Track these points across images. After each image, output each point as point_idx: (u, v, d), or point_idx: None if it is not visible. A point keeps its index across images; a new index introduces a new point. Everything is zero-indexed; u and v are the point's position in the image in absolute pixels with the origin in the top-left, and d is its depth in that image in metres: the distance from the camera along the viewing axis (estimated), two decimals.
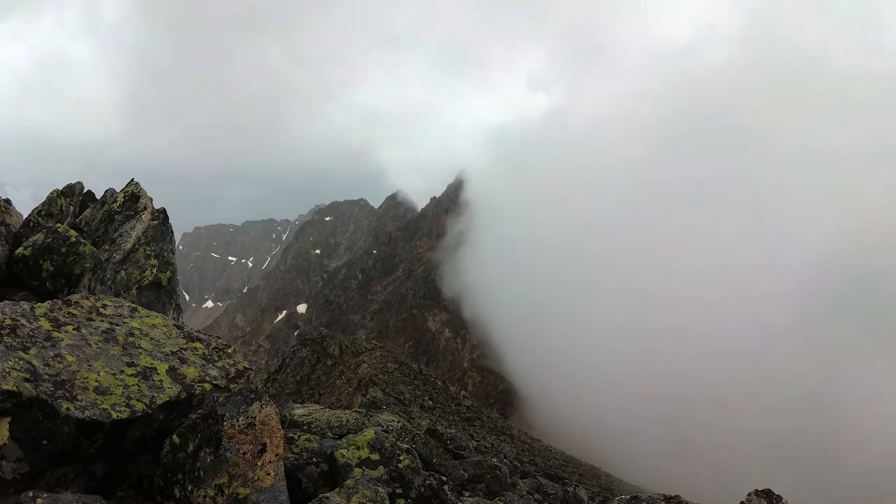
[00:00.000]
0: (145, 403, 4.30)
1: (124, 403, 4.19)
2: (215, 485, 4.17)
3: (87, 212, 8.62)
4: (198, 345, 5.39)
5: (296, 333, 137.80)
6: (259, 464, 4.30)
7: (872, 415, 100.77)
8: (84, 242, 6.84)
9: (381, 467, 5.68)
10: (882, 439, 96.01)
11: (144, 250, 8.23)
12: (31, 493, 3.39)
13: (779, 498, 7.78)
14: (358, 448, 5.79)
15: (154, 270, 8.19)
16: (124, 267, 7.97)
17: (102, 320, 5.06)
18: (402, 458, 5.84)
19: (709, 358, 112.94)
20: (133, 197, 8.59)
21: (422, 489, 5.67)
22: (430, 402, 43.02)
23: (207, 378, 4.95)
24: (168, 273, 8.41)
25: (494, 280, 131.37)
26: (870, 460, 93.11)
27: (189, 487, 4.19)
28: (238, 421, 4.30)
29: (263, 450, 4.34)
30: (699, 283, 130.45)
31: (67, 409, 3.85)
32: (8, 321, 4.32)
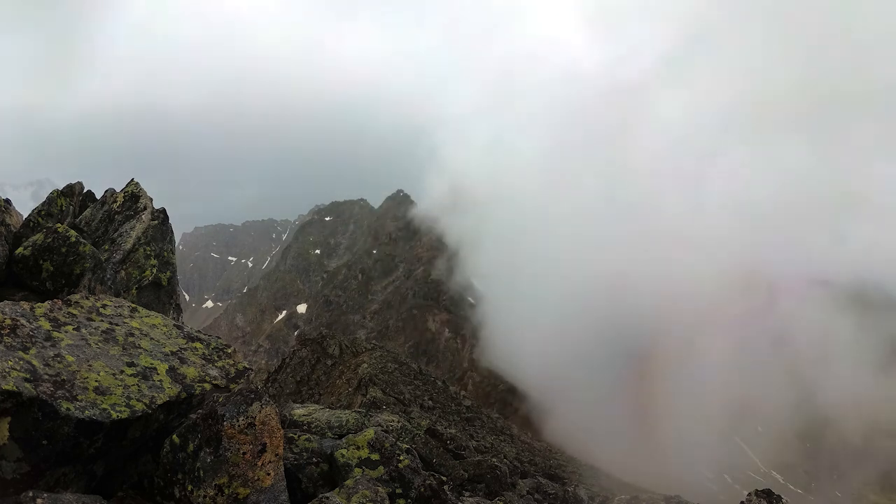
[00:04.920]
0: (145, 403, 4.30)
1: (124, 403, 4.18)
2: (215, 485, 4.17)
3: (87, 212, 8.62)
4: (198, 345, 5.39)
5: (296, 333, 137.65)
6: (259, 464, 4.30)
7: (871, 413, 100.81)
8: (84, 242, 6.84)
9: (381, 467, 5.68)
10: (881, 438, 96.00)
11: (144, 250, 8.22)
12: (31, 493, 3.38)
13: (779, 498, 7.79)
14: (358, 448, 5.79)
15: (154, 270, 8.18)
16: (124, 267, 7.96)
17: (102, 320, 5.06)
18: (402, 458, 5.84)
19: (709, 358, 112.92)
20: (133, 197, 8.58)
21: (422, 489, 5.67)
22: (430, 402, 43.00)
23: (207, 378, 4.95)
24: (168, 273, 8.41)
25: (495, 279, 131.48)
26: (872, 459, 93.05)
27: (189, 487, 4.19)
28: (238, 421, 4.30)
29: (263, 450, 4.34)
30: (700, 284, 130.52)
31: (67, 409, 3.85)
32: (8, 321, 4.32)
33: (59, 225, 6.90)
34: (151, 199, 8.78)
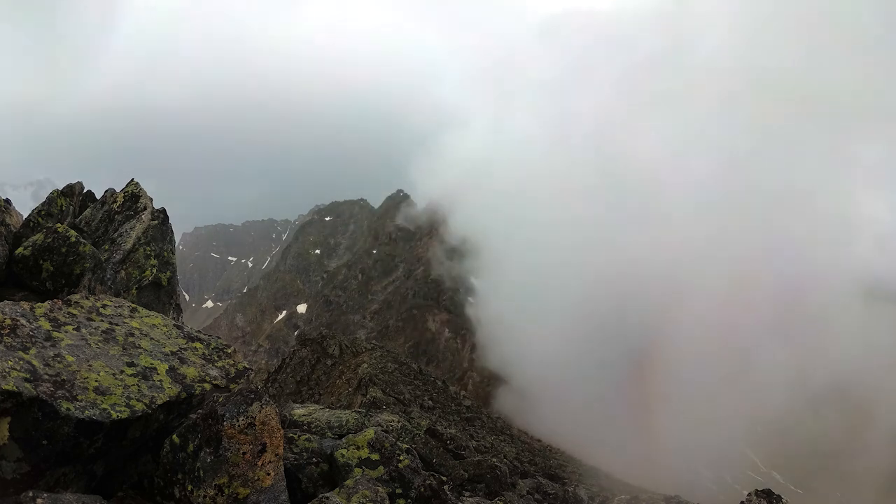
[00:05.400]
0: (145, 403, 4.30)
1: (124, 403, 4.18)
2: (215, 485, 4.17)
3: (87, 212, 8.62)
4: (198, 345, 5.39)
5: (296, 333, 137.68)
6: (259, 464, 4.30)
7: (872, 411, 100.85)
8: (84, 242, 6.84)
9: (381, 467, 5.68)
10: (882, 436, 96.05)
11: (144, 250, 8.22)
12: (31, 493, 3.39)
13: (779, 498, 7.79)
14: (358, 448, 5.79)
15: (154, 270, 8.18)
16: (124, 267, 7.96)
17: (102, 320, 5.06)
18: (402, 458, 5.84)
19: (708, 358, 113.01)
20: (133, 197, 8.58)
21: (422, 489, 5.67)
22: (430, 402, 43.02)
23: (207, 378, 4.95)
24: (168, 273, 8.41)
25: (495, 279, 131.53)
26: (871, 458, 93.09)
27: (189, 487, 4.19)
28: (238, 421, 4.30)
29: (263, 450, 4.34)
30: (701, 283, 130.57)
31: (67, 409, 3.85)
32: (8, 321, 4.32)
33: (59, 225, 6.90)
34: (151, 199, 8.78)
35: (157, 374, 4.67)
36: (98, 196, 9.08)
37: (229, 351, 5.52)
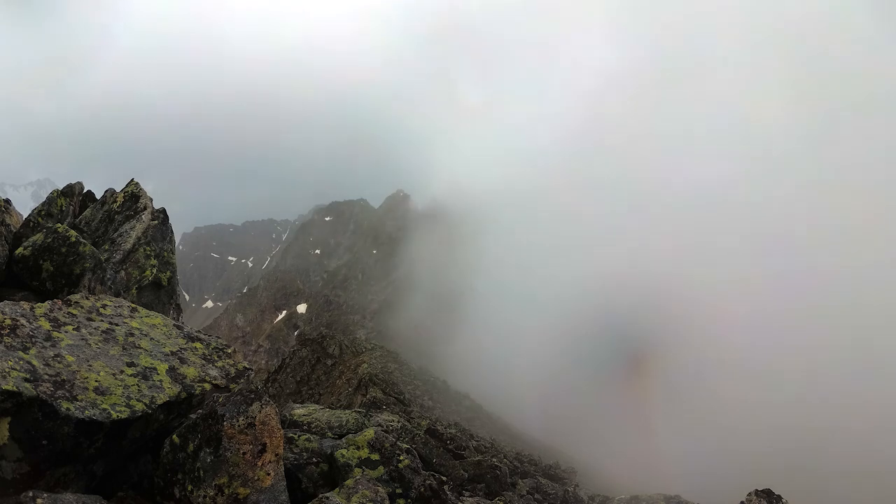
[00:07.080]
0: (145, 403, 4.30)
1: (124, 403, 4.18)
2: (215, 485, 4.17)
3: (87, 212, 8.62)
4: (198, 345, 5.39)
5: (296, 333, 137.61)
6: (259, 464, 4.30)
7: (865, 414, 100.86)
8: (84, 242, 6.83)
9: (381, 467, 5.68)
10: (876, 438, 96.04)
11: (144, 250, 8.22)
12: (31, 493, 3.39)
13: (779, 498, 7.78)
14: (358, 448, 5.79)
15: (154, 270, 8.18)
16: (124, 267, 7.96)
17: (102, 320, 5.06)
18: (402, 458, 5.84)
19: (708, 356, 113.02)
20: (133, 197, 8.58)
21: (422, 489, 5.67)
22: (430, 402, 43.02)
23: (207, 378, 4.95)
24: (168, 273, 8.40)
25: (495, 278, 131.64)
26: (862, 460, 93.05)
27: (189, 487, 4.19)
28: (238, 421, 4.30)
29: (263, 450, 4.34)
30: (701, 283, 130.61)
31: (67, 409, 3.85)
32: (8, 321, 4.32)
33: (59, 225, 6.89)
34: (151, 199, 8.78)
35: (157, 374, 4.67)
36: (98, 196, 9.08)
37: (229, 351, 5.52)
